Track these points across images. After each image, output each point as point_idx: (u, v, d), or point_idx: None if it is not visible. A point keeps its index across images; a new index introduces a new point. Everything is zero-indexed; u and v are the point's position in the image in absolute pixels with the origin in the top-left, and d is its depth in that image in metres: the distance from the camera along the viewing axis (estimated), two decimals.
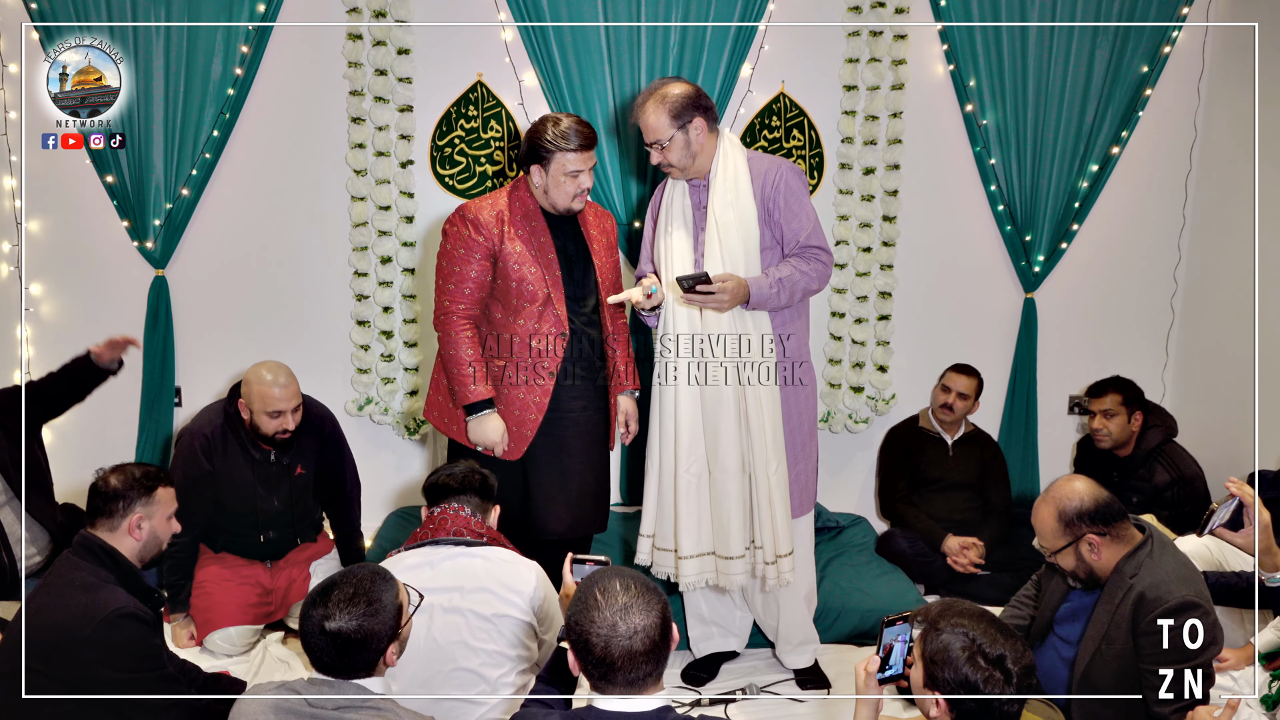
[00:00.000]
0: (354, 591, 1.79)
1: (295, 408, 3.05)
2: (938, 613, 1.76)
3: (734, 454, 2.69)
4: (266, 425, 3.03)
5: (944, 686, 1.69)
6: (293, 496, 3.17)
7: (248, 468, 3.09)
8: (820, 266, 2.71)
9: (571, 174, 2.75)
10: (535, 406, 2.83)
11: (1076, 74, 3.77)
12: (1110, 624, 2.26)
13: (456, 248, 2.79)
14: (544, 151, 2.74)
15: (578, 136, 2.73)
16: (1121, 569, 2.27)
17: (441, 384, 2.92)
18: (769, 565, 2.71)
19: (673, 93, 2.68)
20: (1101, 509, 2.26)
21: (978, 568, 3.48)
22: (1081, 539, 2.26)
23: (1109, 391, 3.57)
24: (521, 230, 2.79)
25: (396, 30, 3.59)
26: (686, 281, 2.58)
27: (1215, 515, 2.22)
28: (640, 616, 1.64)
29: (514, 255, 2.76)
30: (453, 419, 2.88)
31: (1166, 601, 2.17)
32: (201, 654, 3.03)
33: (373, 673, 1.83)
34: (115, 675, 2.12)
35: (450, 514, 2.34)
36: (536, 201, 2.83)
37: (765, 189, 2.70)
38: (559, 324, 2.80)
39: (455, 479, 2.39)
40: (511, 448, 2.83)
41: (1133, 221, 4.00)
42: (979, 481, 3.75)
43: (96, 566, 2.21)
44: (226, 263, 3.79)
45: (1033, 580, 2.65)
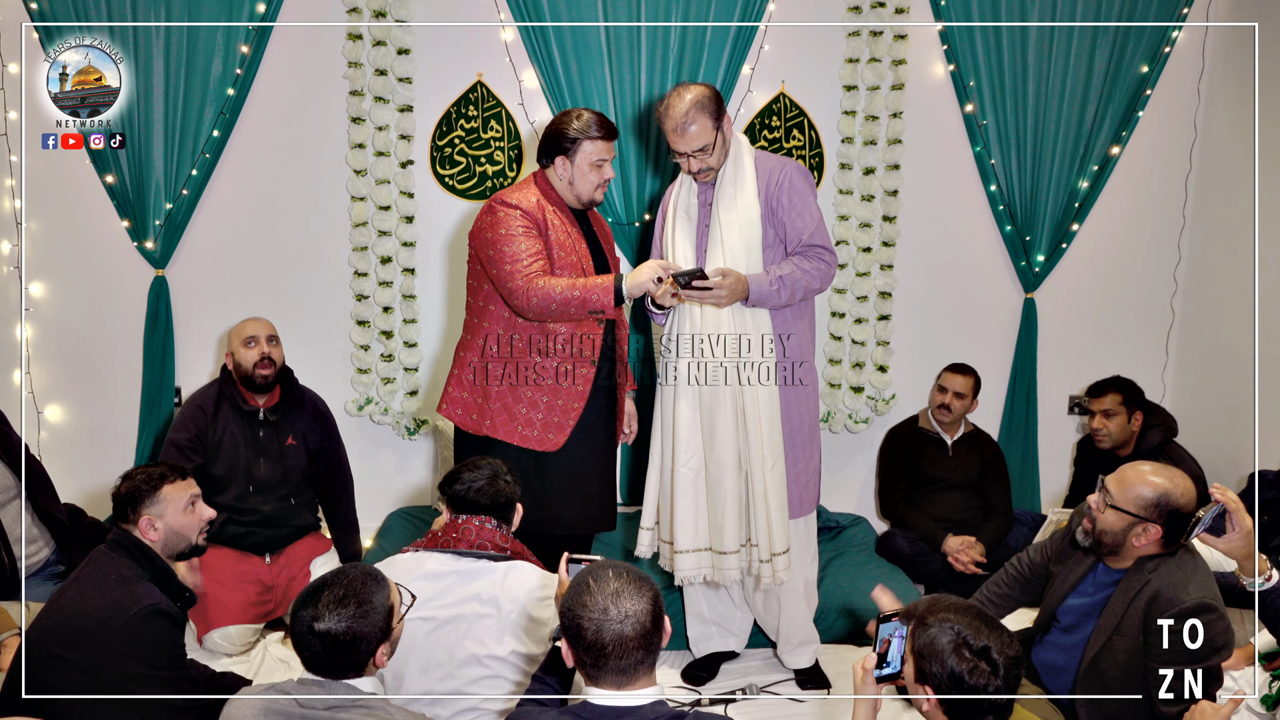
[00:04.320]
0: (344, 593, 1.80)
1: (270, 337, 3.21)
2: (925, 608, 1.77)
3: (730, 450, 2.69)
4: (245, 357, 3.17)
5: (932, 680, 1.71)
6: (283, 466, 3.23)
7: (239, 427, 3.20)
8: (823, 266, 2.70)
9: (596, 163, 2.76)
10: (577, 395, 2.80)
11: (1076, 74, 3.77)
12: (1124, 617, 2.26)
13: (515, 226, 2.70)
14: (568, 142, 2.74)
15: (600, 127, 2.75)
16: (1141, 564, 2.27)
17: (464, 379, 2.85)
18: (764, 563, 2.71)
19: (705, 95, 2.66)
20: (1186, 522, 2.24)
21: (978, 567, 3.48)
22: (1147, 524, 2.25)
23: (1109, 391, 3.57)
24: (557, 220, 2.79)
25: (396, 30, 3.60)
26: (682, 278, 2.58)
27: (1200, 521, 2.22)
28: (631, 602, 1.66)
29: (555, 244, 2.75)
30: (483, 414, 2.82)
31: (1181, 602, 2.17)
32: (201, 653, 3.03)
33: (362, 673, 1.83)
34: (142, 670, 2.15)
35: (475, 525, 2.32)
36: (559, 195, 2.83)
37: (769, 187, 2.71)
38: None
39: (485, 496, 2.33)
40: (552, 439, 2.80)
41: (1133, 221, 4.00)
42: (979, 481, 3.75)
43: (131, 562, 2.27)
44: (226, 263, 3.79)
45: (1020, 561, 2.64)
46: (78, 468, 3.74)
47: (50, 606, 2.23)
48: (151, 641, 2.17)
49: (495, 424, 2.81)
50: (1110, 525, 2.28)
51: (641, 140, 3.72)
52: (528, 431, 2.79)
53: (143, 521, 2.31)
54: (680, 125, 2.63)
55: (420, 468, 4.03)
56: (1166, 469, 2.30)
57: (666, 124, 2.66)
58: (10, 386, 3.77)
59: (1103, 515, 2.29)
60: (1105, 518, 2.29)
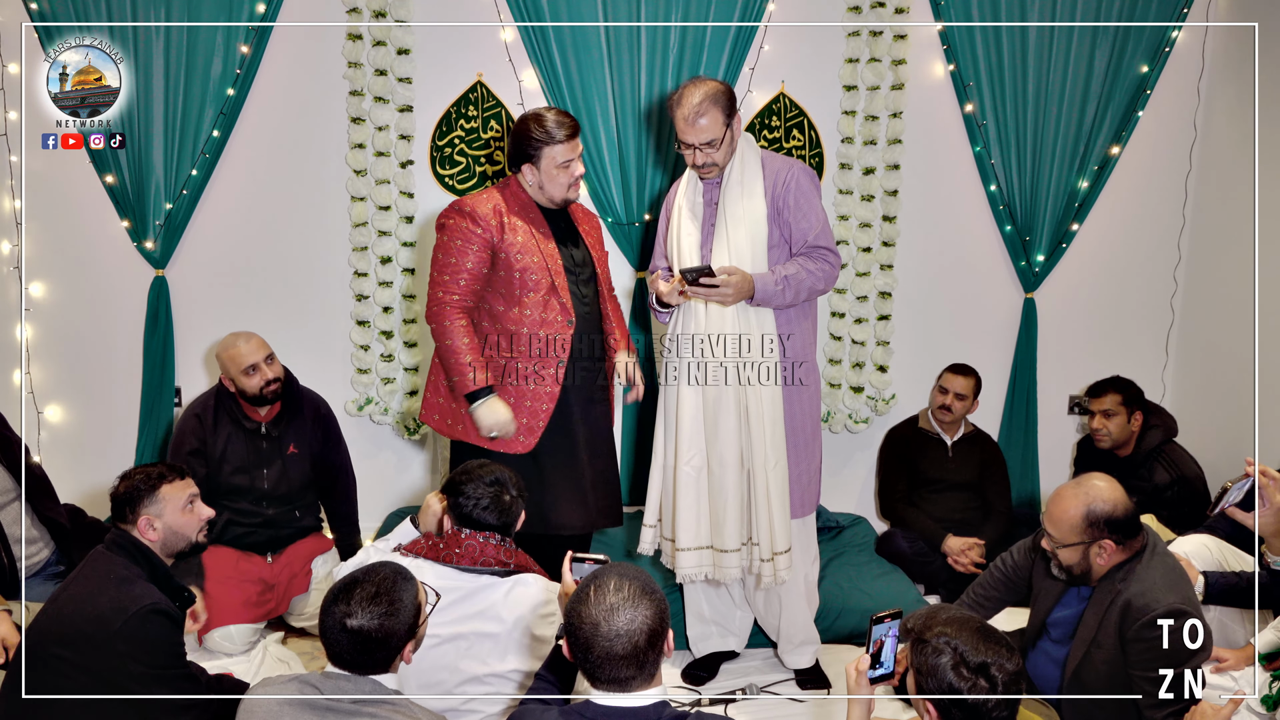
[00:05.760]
0: (376, 590, 1.83)
1: (267, 358, 3.13)
2: (922, 624, 1.74)
3: (733, 449, 2.69)
4: (248, 385, 3.10)
5: (934, 697, 1.70)
6: (285, 475, 3.20)
7: (240, 441, 3.15)
8: (827, 267, 2.72)
9: (563, 165, 2.76)
10: (547, 396, 2.80)
11: (1076, 74, 3.77)
12: (1099, 629, 2.26)
13: (454, 239, 2.77)
14: (532, 149, 2.75)
15: (562, 128, 2.74)
16: (1112, 574, 2.27)
17: (440, 385, 2.89)
18: (764, 562, 2.72)
19: (720, 90, 2.67)
20: (1128, 520, 2.25)
21: (978, 568, 3.47)
22: (1097, 542, 2.25)
23: (1109, 391, 3.57)
24: (520, 221, 2.79)
25: (396, 30, 3.60)
26: (690, 274, 2.58)
27: (1228, 494, 2.21)
28: (625, 620, 1.64)
29: (515, 245, 2.76)
30: (455, 419, 2.85)
31: (1153, 609, 2.17)
32: (201, 654, 3.03)
33: (389, 669, 1.87)
34: (142, 670, 2.16)
35: (479, 542, 2.29)
36: (530, 196, 2.83)
37: (776, 187, 2.72)
38: (565, 311, 2.79)
39: (491, 514, 2.30)
40: (523, 440, 2.81)
41: (1133, 221, 4.00)
42: (979, 482, 3.75)
43: (129, 562, 2.27)
44: (226, 263, 3.79)
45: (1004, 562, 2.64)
46: (78, 468, 3.74)
47: (49, 607, 2.24)
48: (151, 641, 2.18)
49: (467, 428, 2.83)
50: (1071, 560, 2.30)
51: (642, 140, 3.72)
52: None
53: (141, 521, 2.31)
54: (692, 115, 2.63)
55: (420, 468, 4.03)
56: (1081, 482, 2.30)
57: (678, 112, 2.66)
58: (10, 386, 3.77)
59: (1060, 554, 2.30)
60: (1062, 555, 2.30)
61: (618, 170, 3.74)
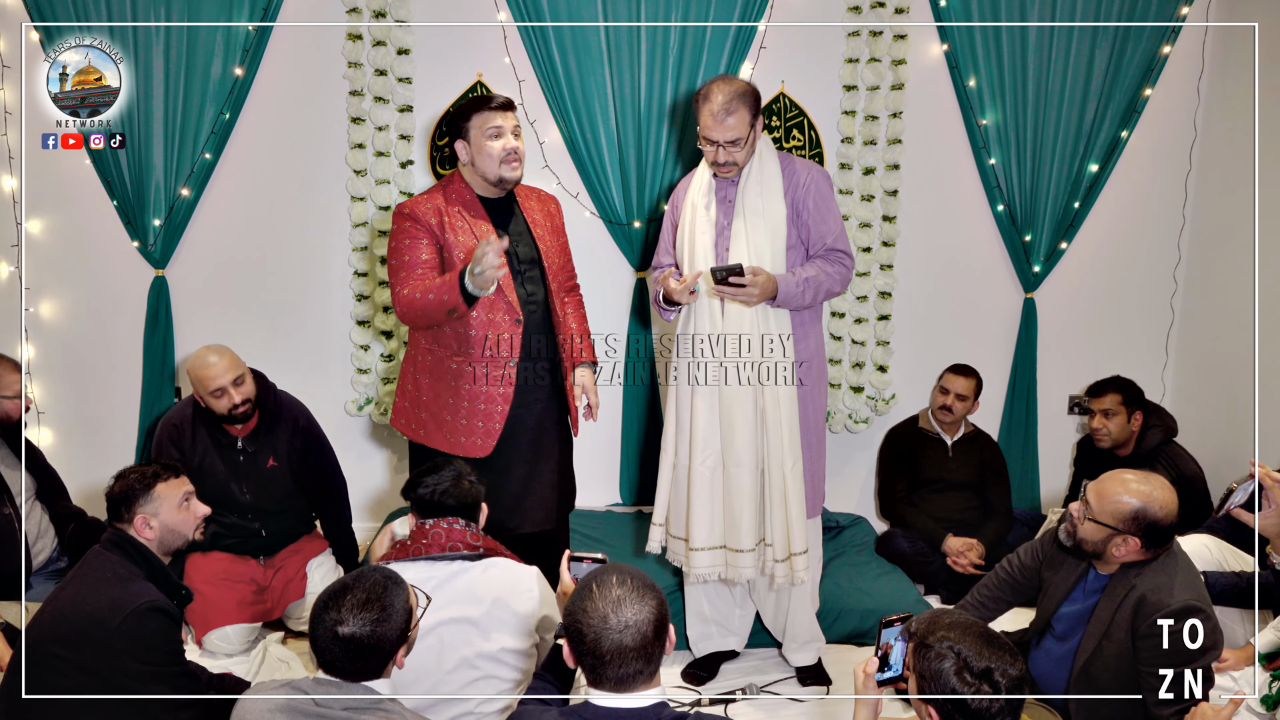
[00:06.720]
0: (367, 597, 1.80)
1: (236, 380, 3.01)
2: (926, 628, 1.74)
3: (749, 450, 2.70)
4: (216, 405, 3.02)
5: (935, 702, 1.70)
6: (266, 489, 3.14)
7: (217, 456, 3.10)
8: (843, 270, 2.76)
9: (493, 132, 2.70)
10: (501, 398, 2.77)
11: (1076, 74, 3.77)
12: (1111, 622, 2.26)
13: (402, 240, 2.75)
14: (462, 120, 2.73)
15: (494, 100, 2.72)
16: (1126, 569, 2.27)
17: (408, 391, 2.89)
18: (779, 563, 2.72)
19: (749, 90, 2.68)
20: (1166, 532, 2.24)
21: (978, 568, 3.48)
22: (1126, 536, 2.24)
23: (1109, 391, 3.57)
24: (460, 220, 2.76)
25: (396, 30, 3.60)
26: (720, 273, 2.59)
27: (1234, 495, 2.20)
28: (632, 612, 1.65)
29: (456, 245, 2.73)
30: (419, 424, 2.85)
31: (1167, 605, 2.17)
32: (200, 654, 3.03)
33: (380, 675, 1.84)
34: (140, 667, 2.16)
35: (444, 528, 2.29)
36: (473, 191, 2.80)
37: (796, 190, 2.74)
38: (511, 310, 2.76)
39: (451, 497, 2.31)
40: (480, 444, 2.79)
41: (1133, 221, 4.00)
42: (979, 482, 3.75)
43: (127, 561, 2.28)
44: (226, 263, 3.79)
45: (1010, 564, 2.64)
46: (77, 468, 3.73)
47: (47, 606, 2.24)
48: (149, 639, 2.18)
49: (428, 433, 2.83)
50: (1089, 535, 2.29)
51: (642, 140, 3.72)
52: (454, 439, 2.79)
53: (138, 520, 2.32)
54: (721, 112, 2.64)
55: None
56: (1149, 479, 2.29)
57: (705, 107, 2.66)
58: None
59: (1082, 525, 2.30)
60: (1084, 529, 2.30)
61: (617, 170, 3.74)
